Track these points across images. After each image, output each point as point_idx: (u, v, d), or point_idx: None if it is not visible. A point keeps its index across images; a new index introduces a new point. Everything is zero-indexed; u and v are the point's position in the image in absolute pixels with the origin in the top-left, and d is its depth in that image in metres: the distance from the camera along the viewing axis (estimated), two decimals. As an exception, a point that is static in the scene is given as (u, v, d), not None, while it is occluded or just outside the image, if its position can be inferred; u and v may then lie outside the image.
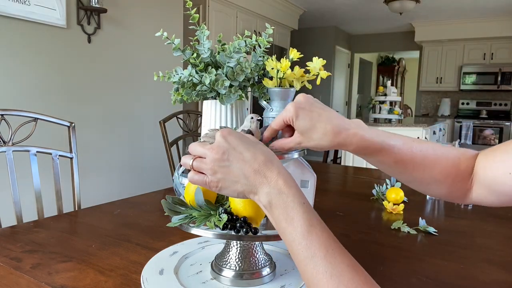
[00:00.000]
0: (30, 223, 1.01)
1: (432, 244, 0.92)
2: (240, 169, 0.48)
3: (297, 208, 0.46)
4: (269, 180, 0.47)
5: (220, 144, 0.49)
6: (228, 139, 0.49)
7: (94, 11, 2.52)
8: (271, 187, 0.47)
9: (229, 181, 0.49)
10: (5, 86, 2.13)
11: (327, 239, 0.45)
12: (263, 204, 0.48)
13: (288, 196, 0.46)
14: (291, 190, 0.47)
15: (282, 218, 0.46)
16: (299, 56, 0.73)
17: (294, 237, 0.45)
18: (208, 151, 0.49)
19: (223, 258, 0.70)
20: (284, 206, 0.46)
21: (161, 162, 3.04)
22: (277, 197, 0.47)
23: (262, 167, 0.48)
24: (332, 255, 0.43)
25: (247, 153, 0.48)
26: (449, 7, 5.37)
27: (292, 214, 0.45)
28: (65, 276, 0.70)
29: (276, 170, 0.48)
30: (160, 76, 0.72)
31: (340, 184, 1.71)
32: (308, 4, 5.33)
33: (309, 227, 0.45)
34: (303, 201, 0.47)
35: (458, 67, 6.37)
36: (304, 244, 0.44)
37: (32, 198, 1.23)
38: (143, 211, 1.14)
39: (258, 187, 0.48)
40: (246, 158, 0.48)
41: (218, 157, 0.48)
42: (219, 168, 0.49)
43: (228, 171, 0.49)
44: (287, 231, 0.46)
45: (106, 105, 2.72)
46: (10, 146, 1.20)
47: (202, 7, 3.76)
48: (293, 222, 0.45)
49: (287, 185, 0.47)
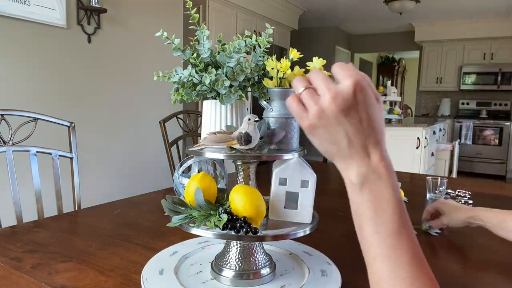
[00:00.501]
0: (30, 223, 1.01)
1: (432, 244, 0.92)
2: (348, 136, 0.42)
3: (392, 201, 0.41)
4: (371, 161, 0.42)
5: (345, 96, 0.40)
6: (358, 97, 0.41)
7: (94, 11, 2.52)
8: (371, 169, 0.42)
9: (327, 136, 0.43)
10: (5, 86, 2.13)
11: (415, 245, 0.41)
12: (353, 182, 0.43)
13: (387, 187, 0.41)
14: (390, 180, 0.42)
15: (370, 205, 0.41)
16: (299, 56, 0.73)
17: (377, 230, 0.40)
18: (328, 93, 0.41)
19: (223, 258, 0.70)
20: (378, 194, 0.41)
21: (161, 162, 3.04)
22: (374, 182, 0.41)
23: (371, 145, 0.42)
24: (417, 263, 0.39)
25: (366, 124, 0.41)
26: (449, 7, 5.37)
27: (385, 206, 0.41)
28: (65, 276, 0.70)
29: (381, 153, 0.42)
30: (160, 76, 0.72)
31: (340, 184, 1.70)
32: (308, 4, 5.32)
33: (400, 227, 0.40)
34: (399, 196, 0.42)
35: (458, 67, 6.37)
36: (389, 242, 0.40)
37: (32, 198, 1.23)
38: (143, 211, 1.14)
39: (355, 161, 0.42)
40: (362, 128, 0.41)
41: (335, 109, 0.40)
42: (327, 118, 0.41)
43: (333, 129, 0.42)
44: (372, 221, 0.41)
45: (106, 105, 2.72)
46: (10, 146, 1.20)
47: (202, 7, 3.76)
48: (383, 215, 0.41)
49: (388, 173, 0.42)
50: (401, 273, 0.39)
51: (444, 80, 6.54)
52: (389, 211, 0.41)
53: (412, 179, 1.69)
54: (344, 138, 0.42)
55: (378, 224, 0.41)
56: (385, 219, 0.40)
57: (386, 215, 0.41)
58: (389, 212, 0.41)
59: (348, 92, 0.40)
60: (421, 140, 3.57)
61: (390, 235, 0.40)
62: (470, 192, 1.40)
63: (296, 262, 0.77)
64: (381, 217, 0.41)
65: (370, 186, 0.42)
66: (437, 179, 1.30)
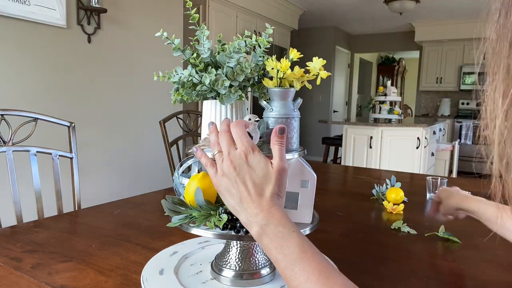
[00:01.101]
0: (30, 223, 1.01)
1: (432, 244, 0.92)
2: (240, 191, 0.51)
3: (286, 237, 0.47)
4: (263, 208, 0.49)
5: (236, 159, 0.51)
6: (248, 160, 0.51)
7: (94, 11, 2.52)
8: (262, 217, 0.49)
9: (227, 191, 0.52)
10: (5, 86, 2.13)
11: (319, 262, 0.46)
12: (253, 233, 0.50)
13: (278, 226, 0.48)
14: (281, 220, 0.49)
15: (271, 246, 0.48)
16: (299, 56, 0.73)
17: (286, 265, 0.46)
18: (227, 156, 0.52)
19: (223, 258, 0.70)
20: (273, 235, 0.48)
21: (161, 162, 3.04)
22: (267, 227, 0.48)
23: (260, 197, 0.50)
24: (325, 276, 0.44)
25: (254, 179, 0.51)
26: (449, 7, 5.37)
27: (282, 243, 0.47)
28: (65, 276, 0.70)
29: (268, 200, 0.50)
30: (160, 76, 0.72)
31: (340, 184, 1.70)
32: (308, 4, 5.33)
33: (301, 253, 0.46)
34: (292, 228, 0.48)
35: (458, 67, 6.37)
36: (297, 270, 0.45)
37: (32, 198, 1.23)
38: (143, 211, 1.14)
39: (251, 215, 0.50)
40: (250, 185, 0.51)
41: (229, 168, 0.51)
42: (226, 175, 0.52)
43: (230, 184, 0.52)
44: (279, 258, 0.47)
45: (106, 105, 2.72)
46: (10, 146, 1.20)
47: (202, 7, 3.76)
48: (284, 250, 0.47)
49: (277, 214, 0.49)
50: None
51: (444, 80, 6.54)
52: (285, 244, 0.47)
53: (412, 179, 1.69)
54: (238, 192, 0.51)
55: (283, 259, 0.46)
56: (287, 251, 0.46)
57: (286, 248, 0.47)
58: (287, 245, 0.47)
59: (239, 156, 0.52)
60: (421, 140, 3.57)
61: (296, 263, 0.45)
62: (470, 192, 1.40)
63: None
64: (283, 251, 0.47)
65: (266, 230, 0.48)
66: (437, 179, 1.30)
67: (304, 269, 0.45)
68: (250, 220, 0.50)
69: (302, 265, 0.45)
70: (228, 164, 0.51)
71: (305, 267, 0.45)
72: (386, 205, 1.17)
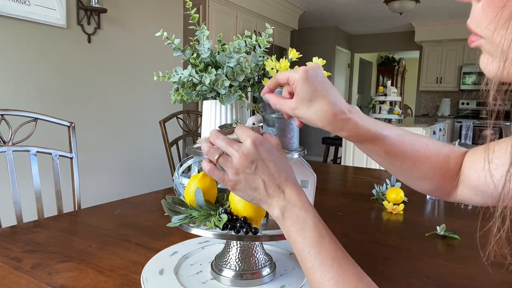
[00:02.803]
0: (30, 223, 1.01)
1: (432, 244, 0.92)
2: (263, 180, 0.51)
3: (308, 219, 0.49)
4: (286, 195, 0.50)
5: (250, 151, 0.50)
6: (259, 150, 0.51)
7: (94, 11, 2.52)
8: (286, 201, 0.50)
9: (248, 186, 0.51)
10: (5, 86, 2.13)
11: (334, 249, 0.47)
12: (275, 215, 0.51)
13: (301, 209, 0.49)
14: (303, 204, 0.50)
15: (293, 229, 0.49)
16: (298, 56, 0.73)
17: (303, 247, 0.48)
18: (236, 153, 0.50)
19: (223, 258, 0.70)
20: (296, 218, 0.49)
21: (161, 162, 3.04)
22: (290, 210, 0.50)
23: (282, 183, 0.51)
24: (338, 263, 0.46)
25: (273, 168, 0.51)
26: (449, 7, 5.37)
27: (304, 226, 0.49)
28: (65, 276, 0.70)
29: (291, 185, 0.51)
30: (160, 76, 0.72)
31: (340, 184, 1.70)
32: (308, 4, 5.32)
33: (319, 237, 0.48)
34: (314, 214, 0.50)
35: (458, 67, 6.37)
36: (313, 253, 0.47)
37: (32, 198, 1.23)
38: (143, 211, 1.14)
39: (273, 199, 0.51)
40: (271, 172, 0.51)
41: (245, 163, 0.50)
42: (243, 172, 0.51)
43: (251, 178, 0.51)
44: (297, 240, 0.48)
45: (106, 105, 2.72)
46: (10, 146, 1.20)
47: (202, 7, 3.76)
48: (304, 233, 0.48)
49: (299, 199, 0.50)
50: (327, 275, 0.45)
51: (444, 80, 6.54)
52: (306, 227, 0.48)
53: (412, 179, 1.68)
54: (261, 183, 0.51)
55: (301, 242, 0.48)
56: (306, 234, 0.48)
57: (306, 231, 0.48)
58: (307, 228, 0.48)
59: (249, 148, 0.50)
60: (421, 140, 3.56)
61: (313, 246, 0.47)
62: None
63: (296, 262, 0.77)
64: (302, 234, 0.48)
65: (288, 214, 0.50)
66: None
67: (320, 252, 0.47)
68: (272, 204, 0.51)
69: (318, 249, 0.47)
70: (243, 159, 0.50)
71: (321, 251, 0.47)
72: (386, 205, 1.18)
